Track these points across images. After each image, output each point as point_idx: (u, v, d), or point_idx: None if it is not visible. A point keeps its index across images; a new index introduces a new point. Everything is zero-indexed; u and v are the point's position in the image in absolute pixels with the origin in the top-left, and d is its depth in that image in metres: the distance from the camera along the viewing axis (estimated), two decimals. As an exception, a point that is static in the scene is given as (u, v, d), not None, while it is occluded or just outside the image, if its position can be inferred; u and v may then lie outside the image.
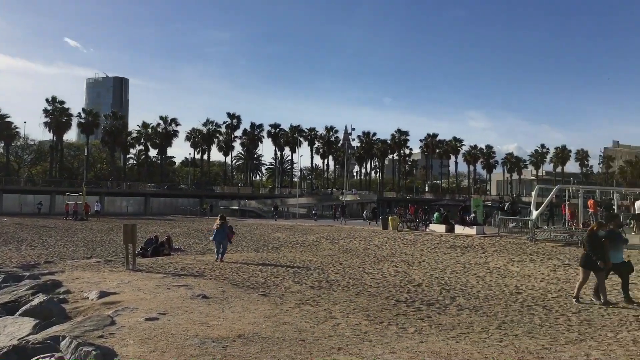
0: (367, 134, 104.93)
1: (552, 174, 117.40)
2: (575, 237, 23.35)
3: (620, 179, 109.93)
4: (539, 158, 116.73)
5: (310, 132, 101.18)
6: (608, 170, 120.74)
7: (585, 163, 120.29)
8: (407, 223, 34.99)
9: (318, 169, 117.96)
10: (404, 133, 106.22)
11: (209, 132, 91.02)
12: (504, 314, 9.03)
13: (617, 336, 7.46)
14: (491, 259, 18.12)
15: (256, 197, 79.82)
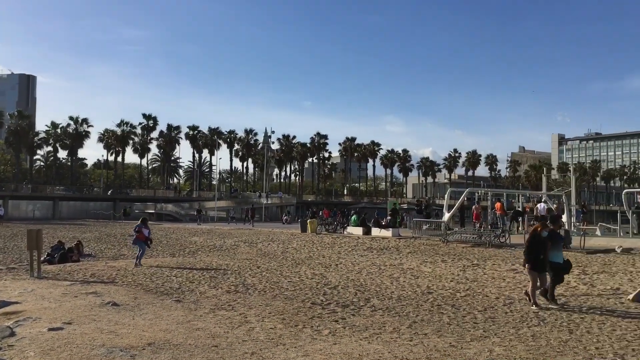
0: (287, 137, 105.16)
1: (464, 178, 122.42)
2: (484, 238, 24.48)
3: (525, 182, 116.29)
4: (452, 162, 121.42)
5: (229, 134, 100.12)
6: (515, 174, 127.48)
7: (494, 167, 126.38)
8: (325, 226, 35.34)
9: (237, 172, 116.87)
10: (324, 137, 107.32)
11: (123, 133, 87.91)
12: (415, 313, 9.30)
13: (519, 332, 7.87)
14: (405, 260, 18.63)
15: (173, 200, 77.95)
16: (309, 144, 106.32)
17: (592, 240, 25.34)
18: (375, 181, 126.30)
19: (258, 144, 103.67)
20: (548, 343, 7.21)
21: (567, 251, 21.78)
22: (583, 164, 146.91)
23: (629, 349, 6.89)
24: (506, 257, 19.75)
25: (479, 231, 25.99)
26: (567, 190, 34.47)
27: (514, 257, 19.80)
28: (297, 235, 30.95)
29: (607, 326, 8.30)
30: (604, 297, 11.13)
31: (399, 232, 30.08)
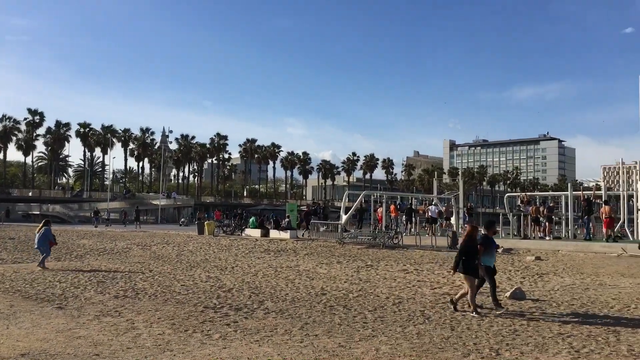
0: (186, 137, 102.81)
1: (362, 180, 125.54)
2: (378, 240, 25.23)
3: (419, 186, 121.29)
4: (350, 165, 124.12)
5: (124, 133, 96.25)
6: (409, 178, 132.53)
7: (390, 171, 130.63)
8: (223, 228, 34.89)
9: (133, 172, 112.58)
10: (224, 137, 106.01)
11: (5, 128, 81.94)
12: (308, 315, 9.38)
13: (405, 330, 8.16)
14: (302, 262, 18.78)
15: (61, 201, 73.65)
16: (209, 144, 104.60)
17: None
18: (276, 183, 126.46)
19: (155, 143, 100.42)
20: (431, 340, 7.54)
21: (454, 251, 22.97)
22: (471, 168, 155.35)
23: (503, 344, 7.35)
24: (398, 257, 20.47)
25: (373, 233, 26.74)
26: (456, 194, 36.38)
27: (406, 257, 20.58)
28: (193, 237, 30.29)
29: (486, 323, 8.81)
30: (484, 295, 11.78)
31: (297, 234, 30.31)
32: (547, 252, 22.82)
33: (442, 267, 17.29)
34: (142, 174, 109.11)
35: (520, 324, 8.69)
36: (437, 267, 17.49)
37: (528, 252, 22.45)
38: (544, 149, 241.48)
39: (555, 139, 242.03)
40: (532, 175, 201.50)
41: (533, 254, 21.05)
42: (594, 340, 7.58)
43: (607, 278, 15.04)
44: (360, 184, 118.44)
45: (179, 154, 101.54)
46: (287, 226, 31.16)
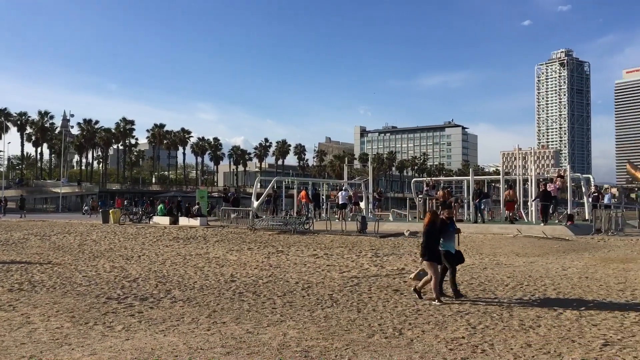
0: (89, 122, 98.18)
1: (274, 166, 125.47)
2: (289, 226, 25.34)
3: (330, 172, 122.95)
4: (262, 151, 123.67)
5: (20, 116, 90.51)
6: (321, 164, 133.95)
7: (302, 157, 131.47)
8: (129, 215, 33.74)
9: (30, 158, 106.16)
10: (130, 122, 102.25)
11: None
12: (216, 302, 9.27)
13: (313, 314, 8.26)
14: (212, 249, 18.53)
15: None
16: (114, 129, 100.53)
17: (385, 225, 27.60)
18: (186, 169, 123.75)
19: (55, 128, 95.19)
20: (338, 323, 7.68)
21: (363, 235, 23.54)
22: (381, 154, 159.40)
23: (406, 323, 7.62)
24: (309, 243, 20.68)
25: (284, 218, 26.83)
26: (366, 179, 37.16)
27: (316, 242, 20.82)
28: (97, 226, 29.07)
29: (391, 304, 9.09)
30: (391, 277, 12.19)
31: (207, 221, 29.86)
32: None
33: (352, 251, 17.65)
34: (41, 160, 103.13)
35: (422, 304, 9.03)
36: (346, 251, 17.82)
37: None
38: (449, 135, 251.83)
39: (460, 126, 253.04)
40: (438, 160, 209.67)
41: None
42: (489, 317, 8.03)
43: (503, 258, 15.97)
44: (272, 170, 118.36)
45: (82, 139, 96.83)
46: (197, 213, 30.61)
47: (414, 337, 6.89)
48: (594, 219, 25.86)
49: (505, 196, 28.57)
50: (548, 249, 18.14)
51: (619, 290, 10.30)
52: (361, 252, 17.55)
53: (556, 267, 13.67)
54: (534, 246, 19.02)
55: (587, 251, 17.66)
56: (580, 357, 5.95)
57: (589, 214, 28.20)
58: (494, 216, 31.93)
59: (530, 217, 28.51)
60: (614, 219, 25.82)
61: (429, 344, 6.54)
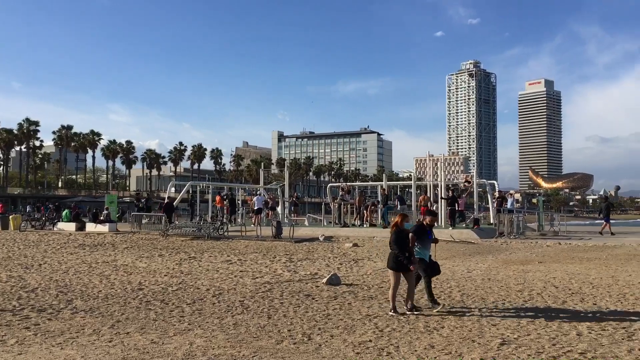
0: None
1: (190, 171, 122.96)
2: (203, 231, 24.87)
3: (247, 176, 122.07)
4: (177, 155, 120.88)
5: None
6: (238, 168, 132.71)
7: (219, 161, 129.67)
8: (31, 222, 31.91)
9: None
10: (34, 123, 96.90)
11: None
12: (120, 312, 8.90)
13: (222, 322, 8.11)
14: (120, 256, 17.84)
15: None
16: (16, 130, 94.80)
17: (300, 230, 27.72)
18: (96, 173, 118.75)
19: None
20: (247, 330, 7.58)
21: (278, 241, 23.50)
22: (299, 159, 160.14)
23: (315, 329, 7.64)
24: (223, 248, 20.38)
25: (198, 224, 26.31)
26: (282, 184, 37.18)
27: (230, 248, 20.56)
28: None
29: (302, 309, 9.09)
30: (304, 282, 12.21)
31: (117, 227, 28.76)
32: (363, 238, 24.31)
33: (266, 257, 17.55)
34: None
35: (333, 309, 9.10)
36: (260, 256, 17.70)
37: (347, 239, 23.69)
38: (365, 141, 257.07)
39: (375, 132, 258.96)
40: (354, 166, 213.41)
41: (351, 241, 22.26)
42: (396, 320, 8.20)
43: (413, 261, 16.40)
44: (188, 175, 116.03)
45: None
46: (106, 219, 29.40)
47: (322, 342, 6.92)
48: (497, 223, 27.18)
49: (419, 201, 29.47)
50: (455, 252, 18.85)
51: (518, 290, 10.85)
52: (275, 257, 17.49)
53: (462, 270, 14.22)
54: (442, 249, 19.69)
55: (491, 254, 18.51)
56: (479, 357, 6.19)
57: (493, 218, 29.61)
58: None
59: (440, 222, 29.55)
60: (515, 223, 27.27)
61: (336, 349, 6.58)
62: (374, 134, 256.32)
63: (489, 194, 33.15)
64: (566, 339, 7.00)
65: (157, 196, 76.24)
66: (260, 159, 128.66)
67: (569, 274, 13.31)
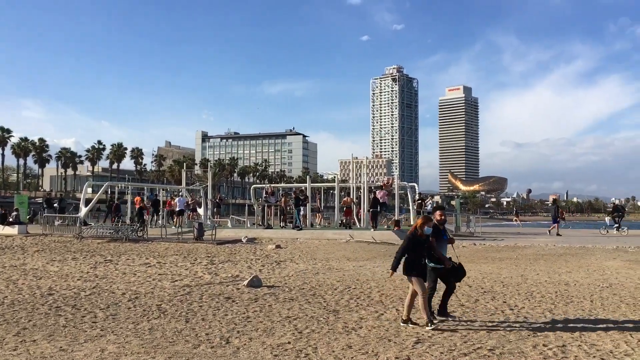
0: None
1: (109, 171, 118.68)
2: (121, 233, 24.05)
3: (170, 177, 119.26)
4: (95, 154, 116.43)
5: None
6: (160, 169, 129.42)
7: (140, 161, 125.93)
8: None
9: None
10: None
11: None
12: (28, 319, 8.43)
13: (137, 327, 7.86)
14: (30, 259, 16.92)
15: None
16: None
17: (223, 232, 27.38)
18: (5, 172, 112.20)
19: None
20: (163, 334, 7.38)
21: (200, 243, 23.09)
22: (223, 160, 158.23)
23: (234, 331, 7.55)
24: (142, 251, 19.79)
25: (116, 225, 25.43)
26: (205, 185, 36.56)
27: (150, 250, 19.99)
28: None
29: (221, 312, 8.96)
30: (224, 284, 12.05)
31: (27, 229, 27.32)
32: (287, 240, 24.32)
33: (186, 259, 17.20)
34: None
35: (253, 311, 9.04)
36: (181, 259, 17.32)
37: (270, 241, 23.63)
38: (290, 143, 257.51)
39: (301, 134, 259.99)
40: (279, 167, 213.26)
41: (274, 243, 22.21)
42: (316, 321, 8.25)
43: (335, 262, 16.59)
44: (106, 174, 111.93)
45: None
46: (15, 220, 27.83)
47: (240, 345, 6.85)
48: (417, 224, 27.91)
49: (342, 203, 29.82)
50: (376, 253, 19.22)
51: (434, 290, 11.19)
52: (196, 259, 17.17)
53: (382, 271, 14.50)
54: (364, 250, 20.06)
55: (410, 254, 18.98)
56: (394, 356, 6.33)
57: (414, 220, 30.42)
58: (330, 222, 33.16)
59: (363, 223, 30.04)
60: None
61: (254, 352, 6.53)
62: (300, 136, 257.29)
63: (410, 196, 34.04)
64: (477, 336, 7.29)
65: (72, 197, 72.98)
66: (183, 159, 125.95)
67: (482, 273, 13.88)
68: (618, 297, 10.40)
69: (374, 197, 27.78)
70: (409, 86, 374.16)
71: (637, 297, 10.31)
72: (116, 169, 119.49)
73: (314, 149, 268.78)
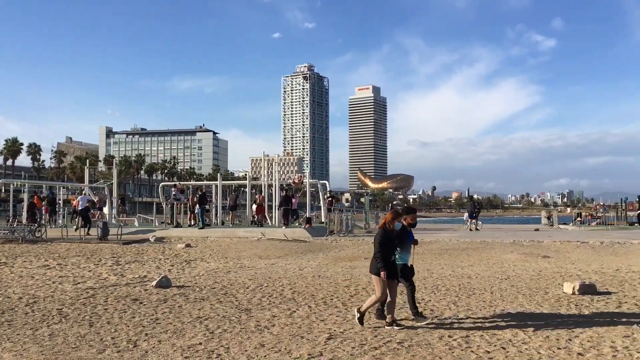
0: None
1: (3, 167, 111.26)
2: (17, 234, 22.61)
3: (71, 174, 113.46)
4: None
5: None
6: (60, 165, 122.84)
7: (37, 157, 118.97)
8: None
9: None
10: None
11: None
12: None
13: (36, 333, 7.40)
14: None
15: None
16: None
17: (130, 231, 26.43)
18: None
19: None
20: (65, 340, 6.99)
21: (104, 243, 22.16)
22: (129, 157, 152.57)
23: (142, 334, 7.29)
24: (40, 252, 18.71)
25: (11, 226, 23.87)
26: (110, 183, 35.11)
27: (49, 252, 18.94)
28: None
29: (128, 314, 8.63)
30: (131, 286, 11.61)
31: None
32: (197, 239, 23.86)
33: (90, 260, 16.44)
34: None
35: (162, 312, 8.77)
36: (84, 260, 16.54)
37: (180, 240, 23.08)
38: (200, 139, 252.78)
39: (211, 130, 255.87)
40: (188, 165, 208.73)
41: (184, 242, 21.71)
42: (228, 320, 8.14)
43: (247, 260, 16.47)
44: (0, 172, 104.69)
45: None
46: None
47: (149, 348, 6.61)
48: (328, 222, 28.31)
49: (254, 200, 29.66)
50: (288, 251, 19.27)
51: (345, 286, 11.37)
52: (100, 260, 16.45)
53: (294, 268, 14.56)
54: (276, 248, 20.05)
55: (321, 251, 19.22)
56: (307, 352, 6.36)
57: (324, 217, 30.79)
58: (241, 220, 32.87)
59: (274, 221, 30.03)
60: (345, 221, 28.64)
61: (164, 354, 6.33)
62: (210, 133, 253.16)
63: (321, 193, 34.41)
64: (386, 330, 7.47)
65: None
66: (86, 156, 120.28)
67: (391, 268, 14.27)
68: (515, 288, 11.03)
69: (285, 194, 27.86)
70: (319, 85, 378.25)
71: (533, 288, 10.99)
72: (11, 165, 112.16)
73: (225, 146, 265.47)
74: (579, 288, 10.21)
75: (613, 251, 18.76)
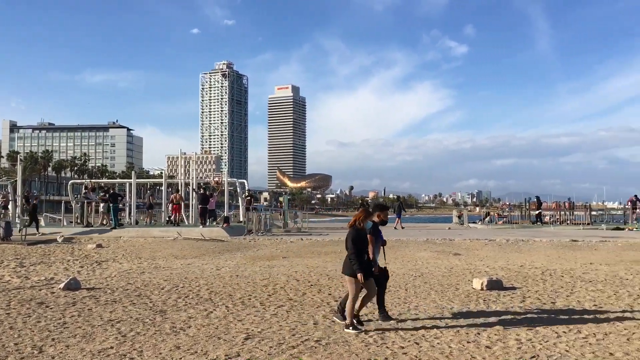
0: None
1: None
2: None
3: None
4: None
5: None
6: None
7: None
8: None
9: None
10: None
11: None
12: None
13: None
14: None
15: None
16: None
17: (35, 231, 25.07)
18: None
19: None
20: (-39, 348, 6.52)
21: (7, 243, 20.89)
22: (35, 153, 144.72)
23: (49, 339, 6.92)
24: None
25: None
26: (14, 180, 33.10)
27: (-56, 254, 17.59)
28: None
29: (33, 319, 8.16)
30: (37, 289, 11.01)
31: None
32: (109, 239, 22.99)
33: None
34: None
35: (70, 316, 8.36)
36: (-17, 262, 15.47)
37: (90, 240, 22.15)
38: (113, 136, 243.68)
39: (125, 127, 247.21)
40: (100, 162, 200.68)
41: (95, 242, 20.85)
42: (142, 323, 7.88)
43: (162, 261, 16.04)
44: None
45: None
46: None
47: (56, 353, 6.29)
48: (247, 221, 28.11)
49: (171, 199, 28.96)
50: (205, 250, 18.95)
51: (263, 285, 11.32)
52: (3, 262, 15.47)
53: (211, 268, 14.34)
54: (193, 248, 19.66)
55: (239, 251, 19.04)
56: (224, 353, 6.27)
57: (243, 216, 30.54)
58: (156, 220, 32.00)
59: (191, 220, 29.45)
60: (263, 220, 28.54)
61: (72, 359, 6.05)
62: (124, 129, 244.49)
63: (239, 192, 34.10)
64: (304, 328, 7.51)
65: None
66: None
67: (309, 267, 14.37)
68: (428, 285, 11.41)
69: (202, 193, 27.40)
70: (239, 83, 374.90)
71: (444, 285, 11.42)
72: None
73: (140, 143, 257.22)
74: (486, 284, 10.71)
75: (517, 248, 19.83)
